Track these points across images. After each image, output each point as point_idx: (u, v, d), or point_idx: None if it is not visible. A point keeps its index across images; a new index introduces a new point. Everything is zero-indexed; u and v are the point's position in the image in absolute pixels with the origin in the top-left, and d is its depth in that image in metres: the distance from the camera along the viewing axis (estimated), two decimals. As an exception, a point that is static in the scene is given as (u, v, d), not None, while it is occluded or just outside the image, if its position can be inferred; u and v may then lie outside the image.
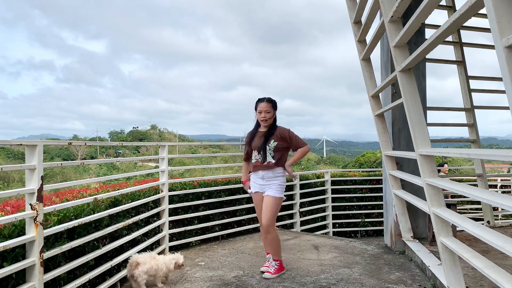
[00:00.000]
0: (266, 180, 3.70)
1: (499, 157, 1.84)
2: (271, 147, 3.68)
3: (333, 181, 7.66)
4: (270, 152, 3.68)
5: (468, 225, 2.26)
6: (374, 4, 3.64)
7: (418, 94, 2.99)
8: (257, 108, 3.74)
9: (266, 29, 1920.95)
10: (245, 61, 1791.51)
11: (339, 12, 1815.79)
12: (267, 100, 3.73)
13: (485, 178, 5.97)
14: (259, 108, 3.70)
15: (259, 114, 3.70)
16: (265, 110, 3.68)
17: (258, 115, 3.73)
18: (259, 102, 3.73)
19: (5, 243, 2.30)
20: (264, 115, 3.68)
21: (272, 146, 3.68)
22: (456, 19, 1.96)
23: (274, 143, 3.68)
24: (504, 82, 1.55)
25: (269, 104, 3.71)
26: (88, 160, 3.31)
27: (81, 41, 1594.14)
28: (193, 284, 3.54)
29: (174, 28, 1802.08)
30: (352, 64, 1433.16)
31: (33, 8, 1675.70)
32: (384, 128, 4.55)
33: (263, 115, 3.68)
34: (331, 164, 57.99)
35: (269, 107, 3.70)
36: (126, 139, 72.66)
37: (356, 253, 4.60)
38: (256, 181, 3.79)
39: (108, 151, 61.64)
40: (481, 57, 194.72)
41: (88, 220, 3.10)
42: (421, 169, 2.94)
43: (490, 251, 4.02)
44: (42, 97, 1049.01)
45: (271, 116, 3.71)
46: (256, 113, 3.76)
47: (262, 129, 3.78)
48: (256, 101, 3.79)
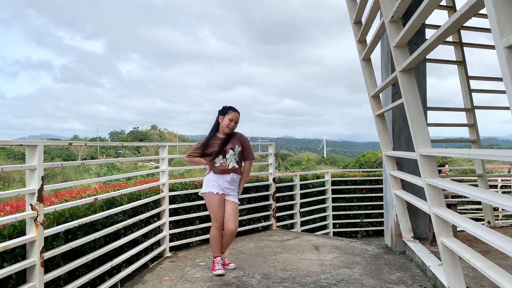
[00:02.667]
0: (232, 184, 3.85)
1: (500, 157, 1.84)
2: (236, 152, 3.82)
3: (334, 181, 7.66)
4: (235, 157, 3.82)
5: (468, 225, 2.26)
6: (375, 4, 3.64)
7: (419, 94, 2.99)
8: (227, 114, 3.80)
9: (264, 28, 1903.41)
10: (244, 60, 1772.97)
11: (338, 11, 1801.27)
12: (239, 112, 3.87)
13: (486, 178, 5.96)
14: (231, 116, 3.79)
15: (230, 121, 3.79)
16: (236, 120, 3.83)
17: (226, 121, 3.79)
18: (233, 111, 3.82)
19: (5, 243, 2.31)
20: (234, 125, 3.82)
21: (237, 151, 3.83)
22: (457, 20, 1.96)
23: (238, 148, 3.84)
24: (505, 82, 1.54)
25: (239, 116, 3.87)
26: (88, 161, 3.32)
27: (78, 40, 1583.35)
28: (194, 285, 3.54)
29: (171, 27, 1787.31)
30: (351, 63, 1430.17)
31: (29, 7, 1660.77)
32: (385, 128, 4.55)
33: (232, 124, 3.81)
34: (331, 164, 58.01)
35: (239, 119, 3.86)
36: (126, 139, 72.70)
37: (357, 253, 4.60)
38: (220, 183, 3.82)
39: (109, 151, 61.69)
40: (481, 56, 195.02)
41: (88, 221, 3.10)
42: (422, 169, 2.94)
43: (491, 251, 4.02)
44: (40, 97, 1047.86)
45: (236, 127, 3.89)
46: (224, 118, 3.80)
47: (221, 135, 3.86)
48: (226, 107, 3.86)
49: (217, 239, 3.86)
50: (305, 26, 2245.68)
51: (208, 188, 3.81)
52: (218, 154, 3.78)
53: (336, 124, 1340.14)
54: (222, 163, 3.79)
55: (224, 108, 3.87)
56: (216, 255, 3.89)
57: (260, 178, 6.08)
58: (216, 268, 3.81)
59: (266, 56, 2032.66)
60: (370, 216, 7.82)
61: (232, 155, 3.80)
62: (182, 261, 4.32)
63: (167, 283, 3.59)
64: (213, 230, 3.84)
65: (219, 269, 3.79)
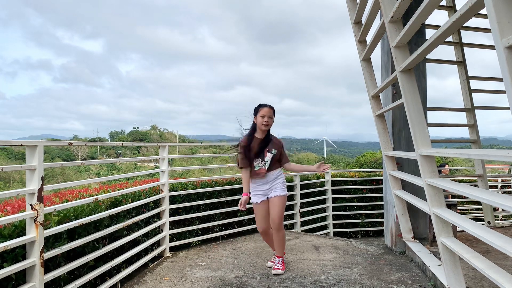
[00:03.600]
0: (270, 183, 3.79)
1: (500, 157, 1.84)
2: (274, 154, 3.78)
3: (334, 182, 7.66)
4: (271, 159, 3.77)
5: (468, 226, 2.26)
6: (375, 4, 3.64)
7: (419, 94, 2.99)
8: (258, 112, 3.75)
9: (263, 28, 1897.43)
10: (243, 60, 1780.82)
11: (337, 10, 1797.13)
12: (270, 106, 3.80)
13: (486, 178, 5.96)
14: (263, 112, 3.72)
15: (262, 118, 3.71)
16: (269, 115, 3.73)
17: (260, 119, 3.72)
18: (262, 107, 3.76)
19: (6, 244, 2.31)
20: (267, 119, 3.72)
21: (274, 154, 3.78)
22: (457, 20, 1.96)
23: (274, 151, 3.78)
24: (505, 82, 1.54)
25: (272, 109, 3.79)
26: (88, 161, 3.31)
27: (77, 40, 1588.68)
28: (194, 285, 3.54)
29: (170, 27, 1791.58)
30: (351, 63, 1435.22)
31: (27, 6, 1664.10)
32: (385, 129, 4.55)
33: (265, 119, 3.71)
34: (331, 165, 58.01)
35: (272, 112, 3.78)
36: (126, 139, 72.71)
37: (357, 253, 4.60)
38: (259, 189, 3.81)
39: (109, 151, 61.73)
40: (481, 56, 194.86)
41: (88, 221, 3.10)
42: (422, 169, 2.94)
43: (491, 251, 4.02)
44: (40, 97, 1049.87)
45: (272, 121, 3.79)
46: (257, 117, 3.75)
47: (259, 136, 3.80)
48: (257, 106, 3.82)
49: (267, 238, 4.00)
50: (305, 26, 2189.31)
51: (253, 198, 3.85)
52: (257, 156, 3.74)
53: (336, 124, 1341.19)
54: (261, 166, 3.75)
55: (255, 108, 3.82)
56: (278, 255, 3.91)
57: None
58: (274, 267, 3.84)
59: (265, 56, 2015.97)
60: (370, 216, 7.82)
61: (270, 157, 3.76)
62: (182, 261, 4.32)
63: (167, 283, 3.59)
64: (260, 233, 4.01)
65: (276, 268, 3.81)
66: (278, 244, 3.85)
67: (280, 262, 3.85)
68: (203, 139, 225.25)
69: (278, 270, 3.78)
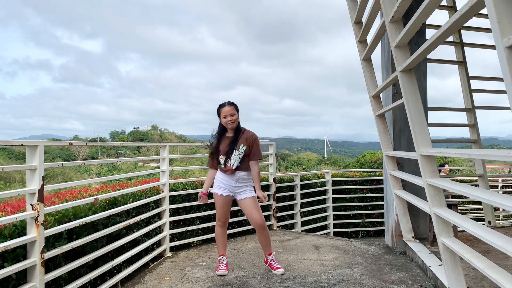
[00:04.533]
0: (241, 182, 3.75)
1: (500, 157, 1.84)
2: (240, 151, 3.72)
3: (334, 182, 7.66)
4: (240, 156, 3.71)
5: (469, 226, 2.26)
6: (375, 4, 3.64)
7: (419, 94, 2.99)
8: (220, 113, 3.74)
9: (263, 28, 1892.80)
10: (243, 60, 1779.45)
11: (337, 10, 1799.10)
12: (229, 104, 3.75)
13: (486, 178, 5.96)
14: (224, 113, 3.70)
15: (224, 118, 3.70)
16: (230, 113, 3.70)
17: (223, 120, 3.72)
18: (222, 107, 3.73)
19: (6, 243, 2.31)
20: (230, 118, 3.70)
21: (241, 151, 3.72)
22: (457, 20, 1.96)
23: (243, 148, 3.72)
24: (505, 82, 1.54)
25: (232, 106, 3.75)
26: (89, 161, 3.32)
27: (77, 40, 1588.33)
28: (194, 285, 3.54)
29: (169, 27, 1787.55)
30: (351, 63, 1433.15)
31: (25, 6, 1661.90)
32: (385, 128, 4.55)
33: (228, 119, 3.69)
34: (332, 165, 58.03)
35: (233, 109, 3.73)
36: (127, 139, 72.78)
37: (357, 253, 4.60)
38: (226, 182, 3.76)
39: (109, 151, 61.78)
40: (482, 56, 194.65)
41: (89, 221, 3.11)
42: (422, 169, 2.94)
43: (491, 251, 4.01)
44: (40, 97, 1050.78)
45: (236, 117, 3.75)
46: (220, 119, 3.75)
47: (229, 134, 3.79)
48: (218, 107, 3.78)
49: (221, 236, 3.89)
50: (304, 26, 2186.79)
51: (214, 189, 3.83)
52: (226, 154, 3.71)
53: (337, 124, 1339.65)
54: (227, 164, 3.72)
55: (217, 110, 3.80)
56: (221, 254, 3.89)
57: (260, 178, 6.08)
58: (219, 268, 3.81)
59: (265, 56, 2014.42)
60: (371, 216, 7.81)
61: (237, 155, 3.71)
62: (183, 261, 4.32)
63: (167, 283, 3.59)
64: (216, 227, 3.90)
65: (221, 269, 3.80)
66: (265, 243, 3.82)
67: (274, 260, 3.86)
68: (203, 139, 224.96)
69: (279, 269, 3.78)
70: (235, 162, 3.71)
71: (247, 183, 3.80)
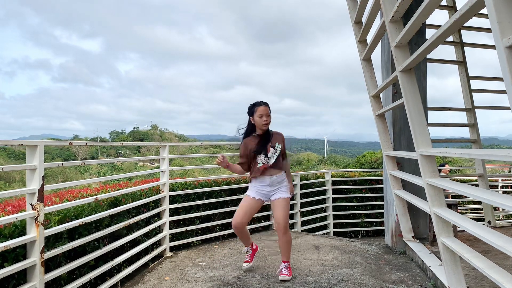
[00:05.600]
0: (275, 185, 3.64)
1: (500, 157, 1.84)
2: (277, 149, 3.63)
3: (334, 181, 7.66)
4: (276, 155, 3.62)
5: (469, 225, 2.26)
6: (375, 4, 3.64)
7: (419, 94, 2.99)
8: (255, 112, 3.59)
9: (262, 27, 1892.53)
10: (242, 60, 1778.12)
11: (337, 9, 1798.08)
12: (265, 103, 3.63)
13: (486, 178, 5.96)
14: (260, 112, 3.56)
15: (260, 118, 3.56)
16: (266, 113, 3.58)
17: (258, 119, 3.57)
18: (258, 106, 3.59)
19: (6, 243, 2.31)
20: (266, 118, 3.57)
21: (278, 149, 3.63)
22: (457, 19, 1.96)
23: (279, 146, 3.65)
24: (505, 82, 1.54)
25: (268, 107, 3.64)
26: (89, 161, 3.33)
27: (75, 39, 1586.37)
28: (194, 284, 3.54)
29: (168, 26, 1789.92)
30: (351, 63, 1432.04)
31: (24, 6, 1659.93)
32: (385, 128, 4.55)
33: (264, 119, 3.56)
34: (332, 164, 58.05)
35: (268, 110, 3.62)
36: (127, 139, 72.77)
37: (357, 253, 4.60)
38: (261, 189, 3.65)
39: (109, 151, 61.78)
40: (482, 56, 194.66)
41: (89, 220, 3.11)
42: (422, 169, 2.94)
43: (491, 251, 4.01)
44: (39, 97, 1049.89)
45: (271, 119, 3.64)
46: (254, 117, 3.60)
47: (258, 133, 3.67)
48: (252, 105, 3.65)
49: (240, 231, 3.75)
50: (304, 25, 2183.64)
51: (250, 192, 3.70)
52: (259, 152, 3.60)
53: (337, 124, 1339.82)
54: (264, 162, 3.59)
55: (249, 108, 3.66)
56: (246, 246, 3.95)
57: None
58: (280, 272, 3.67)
59: (265, 56, 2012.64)
60: (371, 216, 7.82)
61: (274, 153, 3.61)
62: (183, 261, 4.32)
63: (167, 283, 3.59)
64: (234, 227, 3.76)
65: (245, 261, 3.87)
66: (284, 248, 3.67)
67: (286, 267, 3.67)
68: (203, 139, 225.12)
69: (285, 276, 3.60)
70: (272, 160, 3.61)
71: (281, 184, 3.67)
